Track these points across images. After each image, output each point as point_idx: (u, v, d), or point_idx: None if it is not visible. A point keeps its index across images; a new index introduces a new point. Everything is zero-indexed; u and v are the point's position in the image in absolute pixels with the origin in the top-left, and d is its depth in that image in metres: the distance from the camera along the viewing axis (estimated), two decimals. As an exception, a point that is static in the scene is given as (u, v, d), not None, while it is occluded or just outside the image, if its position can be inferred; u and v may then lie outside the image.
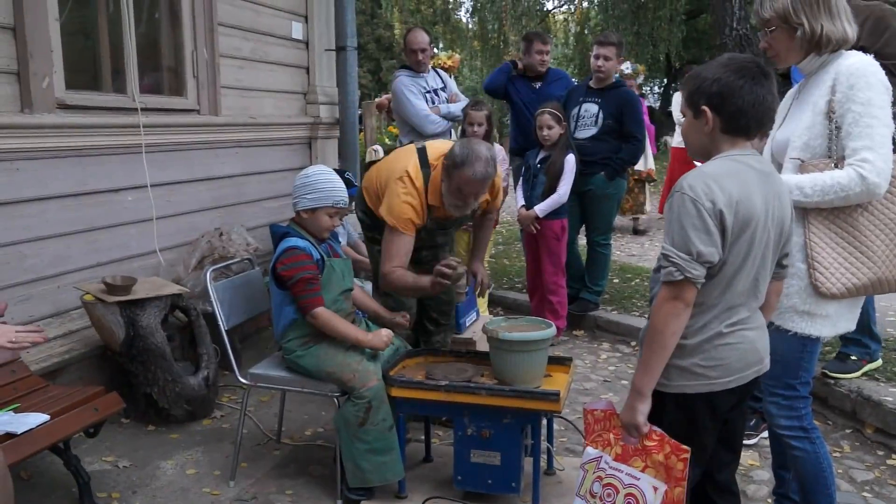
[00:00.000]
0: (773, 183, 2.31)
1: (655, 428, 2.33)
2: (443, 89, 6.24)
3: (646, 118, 7.00)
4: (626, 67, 9.61)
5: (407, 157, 3.79)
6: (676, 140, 9.88)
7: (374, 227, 3.98)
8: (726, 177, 2.21)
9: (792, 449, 2.88)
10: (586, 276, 6.34)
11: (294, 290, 3.44)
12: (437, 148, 3.77)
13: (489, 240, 3.97)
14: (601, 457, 2.48)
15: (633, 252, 8.82)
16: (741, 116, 2.25)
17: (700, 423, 2.34)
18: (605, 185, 5.96)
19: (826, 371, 4.44)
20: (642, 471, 2.36)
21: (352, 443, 3.42)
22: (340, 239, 5.36)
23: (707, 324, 2.28)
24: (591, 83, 6.05)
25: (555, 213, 5.61)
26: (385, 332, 3.56)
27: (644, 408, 2.30)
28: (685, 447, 2.29)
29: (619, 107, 5.88)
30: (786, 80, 4.52)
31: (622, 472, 2.41)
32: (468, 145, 3.53)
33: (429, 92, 6.12)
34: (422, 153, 3.79)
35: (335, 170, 5.09)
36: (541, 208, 5.58)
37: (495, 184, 3.95)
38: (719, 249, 2.19)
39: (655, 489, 2.32)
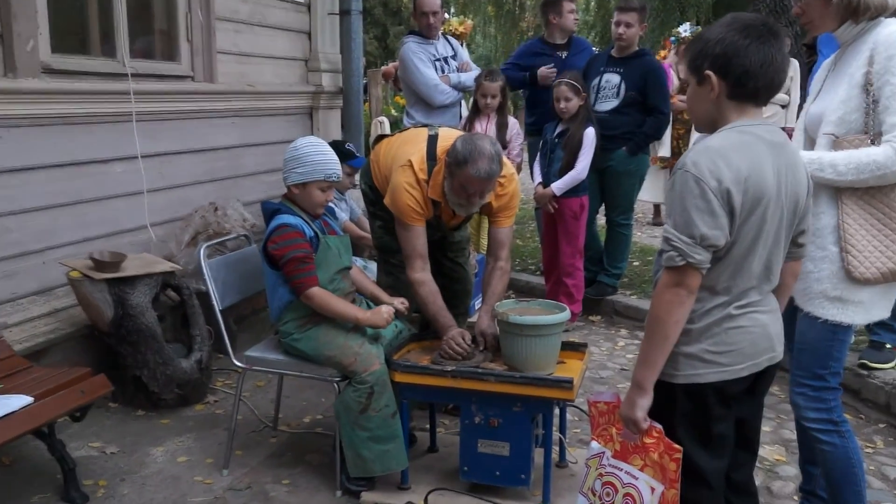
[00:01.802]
0: (786, 154, 2.27)
1: (656, 424, 2.31)
2: (453, 57, 6.22)
3: None
4: (685, 30, 9.48)
5: (415, 145, 3.79)
6: None
7: (377, 202, 3.98)
8: (734, 151, 2.16)
9: (820, 443, 2.88)
10: (605, 258, 6.34)
11: (286, 270, 3.45)
12: (448, 138, 3.75)
13: (502, 294, 3.85)
14: (603, 452, 2.48)
15: (656, 233, 8.81)
16: (748, 79, 2.19)
17: (714, 413, 2.33)
18: (626, 161, 5.94)
19: (864, 361, 4.44)
20: (641, 469, 2.35)
21: (352, 430, 3.44)
22: (343, 214, 5.37)
23: (715, 307, 2.26)
24: (613, 52, 6.02)
25: (573, 191, 5.59)
26: (385, 309, 3.54)
27: (644, 402, 2.28)
28: (677, 447, 2.28)
29: (643, 77, 5.85)
30: (811, 51, 4.49)
31: (621, 470, 2.40)
32: (471, 141, 3.52)
33: (438, 60, 6.10)
34: (432, 143, 3.77)
35: (335, 141, 5.09)
36: (558, 186, 5.56)
37: (505, 193, 3.84)
38: (725, 232, 2.15)
39: (653, 490, 2.32)
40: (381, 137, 4.15)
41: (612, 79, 5.93)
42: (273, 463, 3.89)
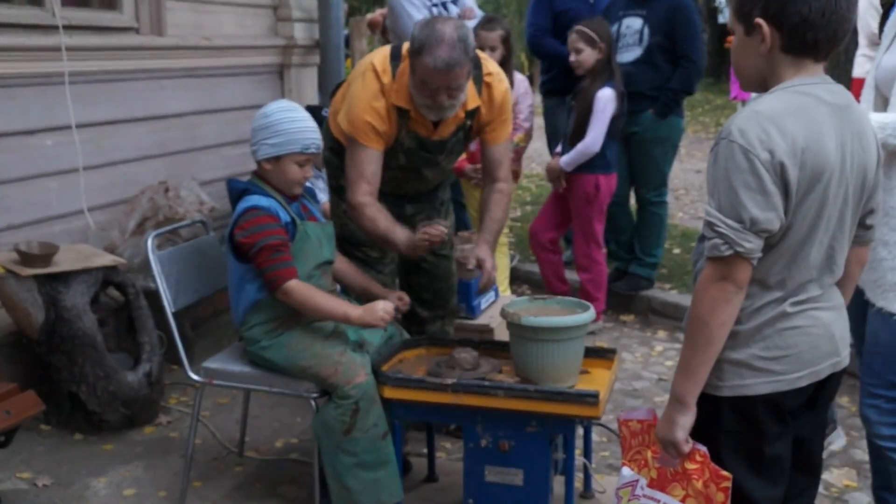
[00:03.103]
0: (851, 119, 2.27)
1: (700, 447, 2.33)
2: (454, 2, 6.22)
3: None
4: None
5: (375, 53, 3.83)
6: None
7: (343, 173, 3.95)
8: (788, 116, 2.17)
9: (895, 465, 2.90)
10: (636, 245, 6.36)
11: (258, 262, 3.45)
12: None
13: (502, 221, 3.92)
14: (637, 480, 2.50)
15: (700, 213, 8.82)
16: (807, 28, 2.19)
17: (766, 432, 2.35)
18: (655, 126, 5.98)
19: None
20: (682, 501, 2.37)
21: (335, 456, 3.45)
22: (321, 196, 5.38)
23: (767, 304, 2.28)
24: None
25: (586, 167, 5.57)
26: (382, 305, 3.48)
27: (685, 420, 2.31)
28: (726, 474, 2.30)
29: (670, 18, 5.90)
30: (888, -9, 4.51)
31: (658, 501, 2.42)
32: (430, 25, 3.52)
33: (435, 5, 6.10)
34: (396, 46, 3.82)
35: (309, 106, 5.09)
36: (565, 160, 5.54)
37: (494, 97, 3.84)
38: (780, 214, 2.16)
39: None
40: (338, 87, 4.13)
41: (633, 23, 5.98)
42: (239, 496, 3.91)
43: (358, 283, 3.86)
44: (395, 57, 3.73)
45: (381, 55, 3.75)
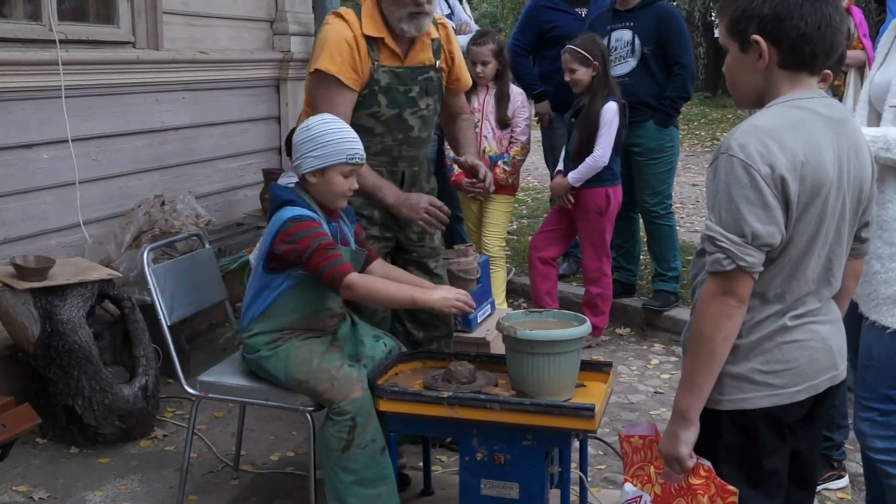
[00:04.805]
0: (846, 133, 2.29)
1: (704, 461, 2.34)
2: (450, 17, 6.24)
3: None
4: None
5: None
6: None
7: None
8: (787, 130, 2.18)
9: (889, 478, 2.90)
10: (653, 261, 6.39)
11: (313, 264, 3.37)
12: None
13: (475, 139, 4.31)
14: (640, 496, 2.50)
15: (697, 227, 8.83)
16: (805, 43, 2.21)
17: (765, 446, 2.35)
18: (657, 136, 6.01)
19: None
20: None
21: (335, 474, 3.42)
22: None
23: (767, 318, 2.28)
24: (617, 4, 6.12)
25: (596, 180, 5.59)
26: (455, 294, 3.47)
27: (689, 436, 2.31)
28: (732, 489, 2.31)
29: (658, 26, 5.97)
30: (881, 8, 4.53)
31: None
32: None
33: (431, 20, 6.12)
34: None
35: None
36: (574, 176, 5.55)
37: (451, 37, 4.13)
38: (781, 228, 2.17)
39: None
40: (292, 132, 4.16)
41: (622, 35, 6.04)
42: (235, 509, 3.92)
43: (405, 280, 3.76)
44: (356, 5, 3.94)
45: (341, 8, 3.97)
